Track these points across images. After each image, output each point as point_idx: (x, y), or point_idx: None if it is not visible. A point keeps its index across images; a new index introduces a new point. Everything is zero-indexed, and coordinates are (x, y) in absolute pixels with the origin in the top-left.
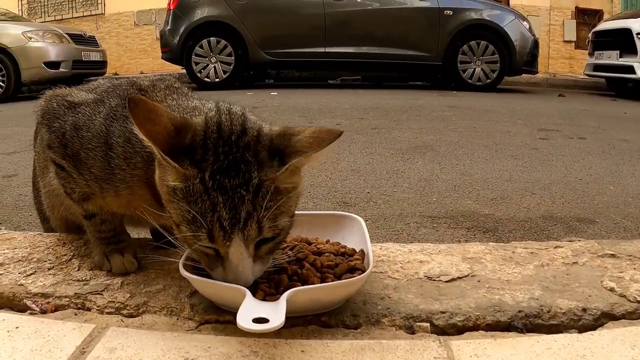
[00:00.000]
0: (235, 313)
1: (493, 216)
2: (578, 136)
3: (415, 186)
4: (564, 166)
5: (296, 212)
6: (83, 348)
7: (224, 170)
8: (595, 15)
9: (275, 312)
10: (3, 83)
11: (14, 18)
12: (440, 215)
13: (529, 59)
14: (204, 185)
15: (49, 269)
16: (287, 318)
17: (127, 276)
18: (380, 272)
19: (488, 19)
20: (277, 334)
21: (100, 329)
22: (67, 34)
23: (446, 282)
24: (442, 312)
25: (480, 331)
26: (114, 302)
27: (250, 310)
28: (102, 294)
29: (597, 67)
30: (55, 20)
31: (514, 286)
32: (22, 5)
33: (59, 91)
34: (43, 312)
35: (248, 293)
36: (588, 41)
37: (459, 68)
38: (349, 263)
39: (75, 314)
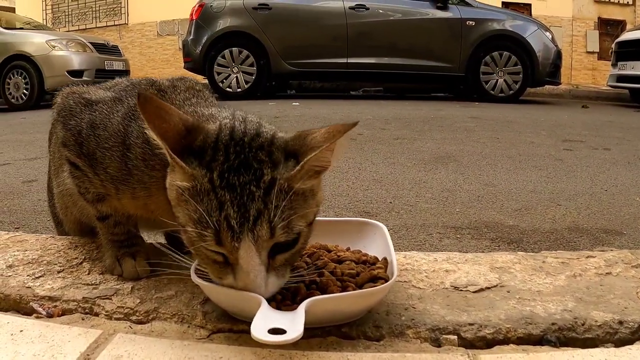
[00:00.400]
0: (250, 322)
1: (518, 227)
2: (603, 147)
3: (438, 196)
4: (589, 177)
5: (319, 218)
6: (87, 354)
7: (234, 168)
8: (618, 25)
9: (293, 323)
10: (27, 91)
11: (38, 27)
12: (463, 226)
13: (552, 70)
14: (212, 184)
15: (58, 272)
16: (304, 329)
17: (139, 281)
18: (404, 282)
19: (510, 29)
20: (294, 345)
21: (107, 335)
22: (91, 43)
23: (474, 292)
24: (470, 324)
25: (511, 345)
26: (123, 307)
27: (266, 320)
28: (111, 299)
29: (621, 78)
30: (79, 29)
31: (545, 297)
32: (46, 14)
33: (76, 88)
34: (49, 315)
35: (264, 301)
36: (611, 52)
37: (481, 79)
38: (371, 272)
39: (83, 319)
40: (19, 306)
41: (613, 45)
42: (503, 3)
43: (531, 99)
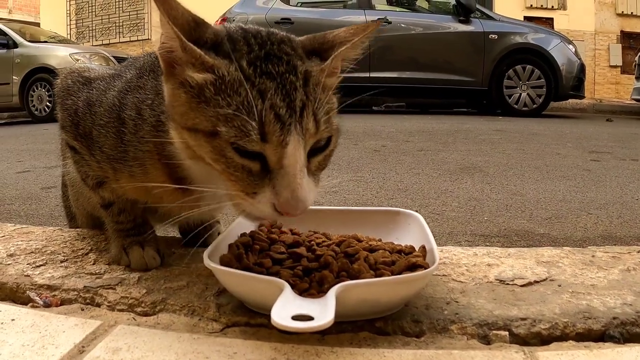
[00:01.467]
0: (269, 316)
1: (549, 235)
2: (630, 158)
3: (465, 205)
4: (618, 187)
5: (342, 207)
6: (82, 346)
7: (262, 58)
8: None
9: (322, 309)
10: (50, 103)
11: (62, 41)
12: (492, 234)
13: (576, 84)
14: (243, 73)
15: (61, 262)
16: (333, 323)
17: (147, 272)
18: (443, 275)
19: (533, 42)
20: (320, 340)
21: (107, 326)
22: (114, 56)
23: (521, 286)
24: (522, 319)
25: (570, 341)
26: (127, 297)
27: (290, 305)
28: (114, 289)
29: None
30: (102, 44)
31: (601, 291)
32: (70, 29)
33: (77, 67)
34: (47, 305)
35: (287, 286)
36: (634, 65)
37: (504, 93)
38: (408, 259)
39: (82, 309)
40: (15, 295)
41: (636, 58)
42: (525, 17)
43: (554, 114)
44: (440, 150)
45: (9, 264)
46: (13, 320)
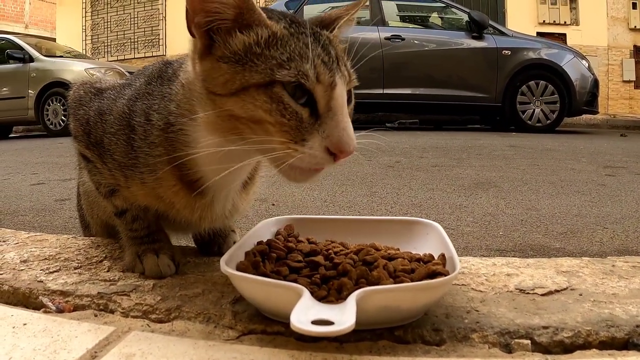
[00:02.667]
0: (287, 323)
1: (565, 250)
2: None
3: (480, 220)
4: (634, 201)
5: (359, 217)
6: (95, 352)
7: (294, 23)
8: None
9: (342, 314)
10: (65, 117)
11: (78, 56)
12: (508, 249)
13: (589, 99)
14: (288, 30)
15: (75, 268)
16: (352, 331)
17: (162, 280)
18: (462, 285)
19: (547, 58)
20: (338, 348)
21: (120, 332)
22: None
23: (542, 295)
24: (545, 327)
25: (594, 349)
26: (141, 304)
27: (309, 311)
28: (129, 295)
29: None
30: (117, 60)
31: (623, 300)
32: (86, 45)
33: (90, 79)
34: (60, 311)
35: (306, 291)
36: None
37: (518, 109)
38: (428, 267)
39: (95, 316)
40: (28, 300)
41: None
42: (538, 32)
43: (567, 130)
44: (454, 166)
45: (22, 270)
46: (25, 324)
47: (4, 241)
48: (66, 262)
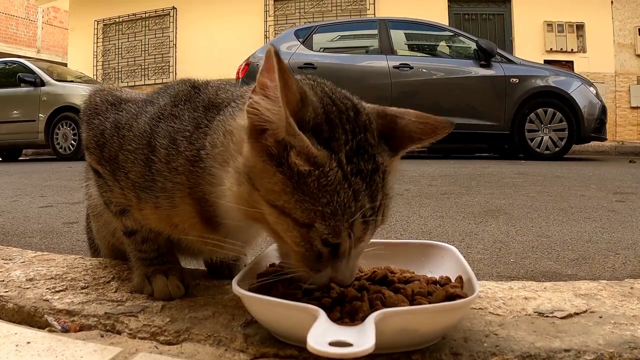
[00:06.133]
0: (301, 347)
1: (577, 276)
2: None
3: (490, 247)
4: None
5: (373, 240)
6: None
7: (356, 152)
8: None
9: (360, 335)
10: (74, 142)
11: (88, 81)
12: (519, 276)
13: (598, 126)
14: (342, 170)
15: (82, 288)
16: (366, 355)
17: (171, 301)
18: (480, 309)
19: (554, 85)
20: None
21: (127, 353)
22: None
23: (561, 318)
24: (566, 350)
25: None
26: (149, 325)
27: (326, 332)
28: (136, 317)
29: None
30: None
31: None
32: (96, 70)
33: (107, 86)
34: (65, 330)
35: (322, 312)
36: None
37: (526, 137)
38: (446, 289)
39: (102, 336)
40: (33, 319)
41: None
42: (545, 60)
43: (576, 157)
44: (464, 194)
45: (27, 288)
46: (29, 343)
47: (10, 259)
48: (73, 282)
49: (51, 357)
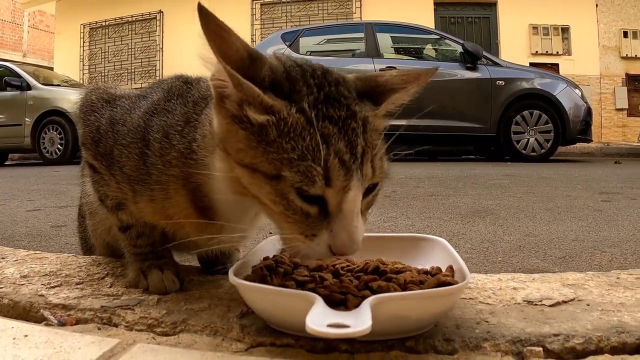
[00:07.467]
0: (297, 335)
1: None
2: None
3: (478, 247)
4: (631, 225)
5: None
6: None
7: (322, 101)
8: None
9: (357, 318)
10: (61, 146)
11: (75, 85)
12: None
13: (583, 127)
14: (305, 115)
15: (77, 284)
16: (361, 342)
17: (166, 295)
18: (470, 298)
19: (540, 87)
20: (350, 359)
21: (125, 344)
22: None
23: (550, 306)
24: (555, 335)
25: (606, 355)
26: (146, 317)
27: (324, 315)
28: (133, 309)
29: None
30: None
31: (630, 308)
32: (83, 74)
33: (102, 84)
34: (61, 324)
35: (319, 298)
36: None
37: (512, 139)
38: (438, 278)
39: (99, 329)
40: (29, 314)
41: None
42: (531, 63)
43: (562, 158)
44: (451, 195)
45: (22, 284)
46: (26, 336)
47: (2, 258)
48: (67, 278)
49: (49, 349)
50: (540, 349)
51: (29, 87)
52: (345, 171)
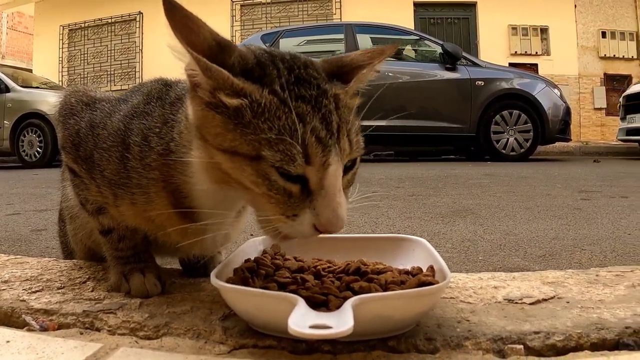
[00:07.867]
0: (279, 336)
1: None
2: (620, 195)
3: (458, 246)
4: (610, 223)
5: (345, 235)
6: None
7: (293, 82)
8: (624, 80)
9: (339, 319)
10: (40, 149)
11: (54, 87)
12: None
13: (562, 127)
14: (278, 96)
15: (58, 288)
16: (344, 342)
17: (148, 298)
18: (451, 298)
19: (519, 88)
20: (333, 359)
21: (108, 349)
22: None
23: (530, 304)
24: (536, 332)
25: (586, 351)
26: (128, 321)
27: (306, 316)
28: (115, 313)
29: (630, 131)
30: None
31: (610, 305)
32: (62, 76)
33: (82, 87)
34: (43, 329)
35: (301, 300)
36: (619, 106)
37: (492, 138)
38: (419, 278)
39: (81, 334)
40: (10, 320)
41: (621, 99)
42: (510, 63)
43: (541, 158)
44: (431, 195)
45: (3, 290)
46: (8, 342)
47: None
48: (49, 283)
49: (32, 355)
50: (521, 346)
51: (7, 89)
52: (323, 147)
